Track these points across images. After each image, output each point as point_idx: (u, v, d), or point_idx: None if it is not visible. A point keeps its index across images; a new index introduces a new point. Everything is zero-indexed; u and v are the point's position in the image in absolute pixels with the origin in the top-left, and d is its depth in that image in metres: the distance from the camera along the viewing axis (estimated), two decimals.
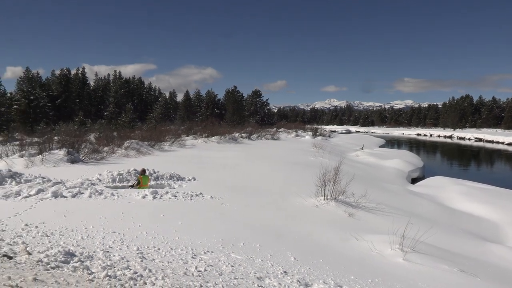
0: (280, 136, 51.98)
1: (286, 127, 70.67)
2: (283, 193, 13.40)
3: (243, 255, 6.76)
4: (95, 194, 10.99)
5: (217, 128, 45.48)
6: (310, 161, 23.82)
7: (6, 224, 7.27)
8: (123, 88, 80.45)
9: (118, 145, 25.48)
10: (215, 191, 12.35)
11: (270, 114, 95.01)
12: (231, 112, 79.15)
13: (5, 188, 11.75)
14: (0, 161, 18.53)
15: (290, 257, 6.99)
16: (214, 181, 14.77)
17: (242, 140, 42.46)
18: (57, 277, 4.19)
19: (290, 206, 11.57)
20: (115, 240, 6.81)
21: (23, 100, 52.09)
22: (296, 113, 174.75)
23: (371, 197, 13.14)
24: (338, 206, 11.81)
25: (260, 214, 10.30)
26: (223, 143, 36.83)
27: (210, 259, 6.31)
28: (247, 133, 47.39)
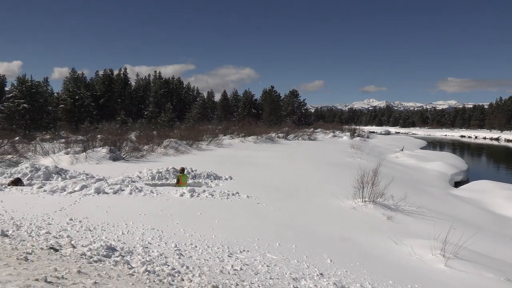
0: (317, 137, 51.52)
1: (323, 127, 69.98)
2: (319, 194, 13.26)
3: (278, 255, 6.74)
4: (135, 191, 11.29)
5: (254, 128, 45.64)
6: (348, 162, 23.45)
7: (52, 218, 7.60)
8: (163, 88, 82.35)
9: (158, 144, 26.11)
10: (252, 191, 12.39)
11: (307, 114, 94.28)
12: (268, 112, 79.18)
13: (51, 183, 12.32)
14: (47, 157, 19.43)
15: (326, 259, 6.90)
16: (250, 180, 14.83)
17: (278, 140, 42.41)
18: (99, 271, 4.33)
19: (327, 208, 11.43)
20: (154, 236, 6.96)
21: (68, 100, 54.37)
22: (334, 114, 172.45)
23: (411, 200, 12.76)
24: (377, 208, 11.55)
25: (296, 214, 10.24)
26: (259, 143, 36.92)
27: (246, 258, 6.33)
28: (284, 133, 47.26)
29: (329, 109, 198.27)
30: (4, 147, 18.02)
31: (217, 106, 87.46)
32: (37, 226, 6.77)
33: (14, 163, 16.88)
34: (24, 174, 13.39)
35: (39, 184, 11.78)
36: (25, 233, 6.11)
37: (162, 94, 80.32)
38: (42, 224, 7.00)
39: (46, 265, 4.11)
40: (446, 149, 55.51)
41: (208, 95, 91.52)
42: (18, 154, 19.19)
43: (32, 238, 5.84)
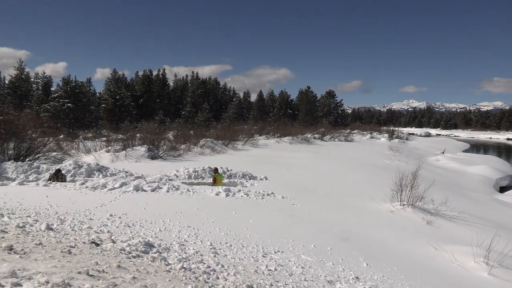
0: (354, 138, 50.67)
1: (360, 128, 68.78)
2: (356, 196, 13.04)
3: (313, 257, 6.68)
4: (172, 189, 11.51)
5: (289, 128, 45.48)
6: (386, 164, 22.93)
7: (94, 214, 7.88)
8: (200, 88, 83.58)
9: (194, 143, 26.54)
10: (287, 191, 12.35)
11: (343, 115, 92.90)
12: (304, 112, 78.67)
13: (93, 180, 12.78)
14: (89, 155, 20.17)
15: (362, 262, 6.77)
16: (285, 181, 14.78)
17: (314, 141, 42.07)
18: (138, 266, 4.45)
19: (363, 210, 11.22)
20: (190, 234, 7.08)
21: (110, 100, 56.22)
22: (371, 114, 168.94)
23: (453, 205, 12.30)
24: (415, 212, 11.22)
25: (331, 216, 10.11)
26: (295, 143, 36.75)
27: (281, 259, 6.32)
28: (320, 134, 46.82)
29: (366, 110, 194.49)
30: (50, 144, 18.83)
31: (253, 106, 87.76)
32: (80, 221, 7.04)
33: (58, 160, 17.63)
34: (68, 170, 13.96)
35: (82, 181, 12.25)
36: (68, 227, 6.37)
37: (199, 94, 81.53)
38: (84, 219, 7.27)
39: (88, 258, 4.26)
40: (491, 152, 53.12)
41: (244, 95, 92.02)
42: (62, 152, 20.03)
43: (75, 232, 6.07)
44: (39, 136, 19.20)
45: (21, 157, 16.46)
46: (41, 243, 4.65)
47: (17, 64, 65.65)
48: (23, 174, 13.21)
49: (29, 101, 54.52)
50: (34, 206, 7.98)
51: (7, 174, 13.18)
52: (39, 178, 13.01)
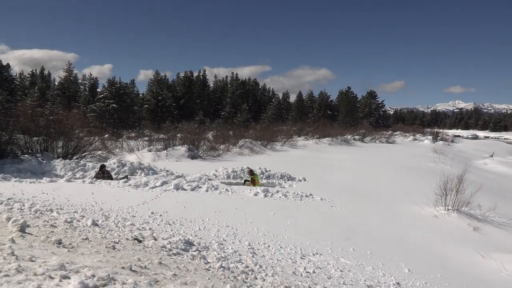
0: (396, 140, 49.34)
1: (402, 130, 66.87)
2: (397, 199, 12.69)
3: (353, 260, 6.56)
4: (211, 188, 11.67)
5: (329, 129, 44.97)
6: (429, 167, 22.18)
7: (136, 211, 8.12)
8: (239, 89, 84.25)
9: (233, 144, 26.78)
10: (325, 193, 12.21)
11: (385, 116, 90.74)
12: (343, 113, 77.56)
13: (135, 178, 13.19)
14: (132, 154, 20.82)
15: (404, 268, 6.58)
16: (324, 183, 14.62)
17: (354, 142, 41.35)
18: (178, 263, 4.54)
19: (405, 214, 10.90)
20: (228, 233, 7.15)
21: (152, 100, 57.79)
22: (415, 116, 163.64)
23: (502, 211, 11.71)
24: (461, 218, 10.78)
25: (371, 219, 9.90)
26: (334, 144, 36.29)
27: (319, 262, 6.25)
28: (360, 135, 45.96)
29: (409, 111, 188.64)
30: (96, 143, 19.60)
31: (292, 107, 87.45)
32: (123, 218, 7.27)
33: (103, 159, 18.31)
34: (112, 169, 14.48)
35: (125, 179, 12.66)
36: (112, 224, 6.60)
37: (238, 95, 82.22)
38: (127, 216, 7.50)
39: (130, 254, 4.40)
40: None
41: (283, 96, 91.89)
42: (107, 150, 20.79)
43: (118, 228, 6.28)
44: (85, 135, 20.02)
45: (69, 155, 17.23)
46: (87, 238, 4.85)
47: (66, 66, 68.83)
48: (70, 171, 13.83)
49: (77, 102, 57.00)
50: (80, 202, 8.33)
51: (56, 171, 13.84)
52: (85, 175, 13.57)
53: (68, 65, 68.79)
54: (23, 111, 19.01)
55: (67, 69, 68.06)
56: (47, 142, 17.13)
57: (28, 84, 72.68)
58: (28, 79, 77.54)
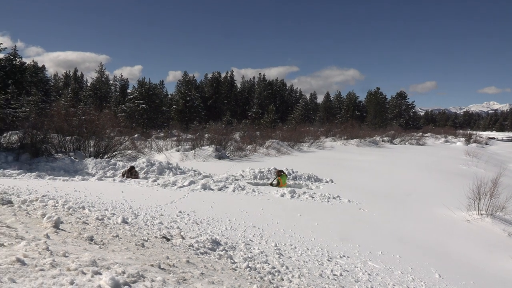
0: (427, 141, 48.21)
1: (433, 131, 65.23)
2: (427, 202, 12.39)
3: (381, 264, 6.45)
4: (238, 189, 11.72)
5: (357, 130, 44.40)
6: (461, 170, 21.55)
7: (164, 210, 8.25)
8: (267, 90, 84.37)
9: (260, 144, 26.82)
10: (353, 195, 12.06)
11: (415, 117, 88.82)
12: (372, 114, 76.40)
13: (164, 178, 13.41)
14: (161, 154, 21.16)
15: (434, 273, 6.42)
16: (352, 184, 14.44)
17: (383, 144, 40.66)
18: (206, 262, 4.59)
19: (435, 218, 10.63)
20: (255, 234, 7.16)
21: (180, 101, 58.60)
22: (446, 117, 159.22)
23: None
24: (495, 223, 10.41)
25: (400, 222, 9.70)
26: (362, 146, 35.79)
27: (346, 264, 6.18)
28: (389, 136, 45.17)
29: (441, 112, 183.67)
30: (126, 143, 20.04)
31: (320, 108, 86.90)
32: (152, 216, 7.41)
33: (133, 158, 18.70)
34: (141, 168, 14.76)
35: (153, 178, 12.89)
36: (141, 222, 6.73)
37: (265, 96, 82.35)
38: (156, 215, 7.64)
39: (159, 252, 4.47)
40: None
41: (311, 97, 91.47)
42: (136, 150, 21.22)
43: (147, 226, 6.40)
44: (116, 135, 20.50)
45: (100, 154, 17.68)
46: (117, 236, 4.96)
47: (98, 68, 70.76)
48: (101, 170, 14.18)
49: (108, 102, 58.48)
50: (111, 200, 8.53)
51: (87, 170, 14.23)
52: (115, 174, 13.89)
53: (100, 67, 70.69)
54: (57, 111, 19.66)
55: (99, 71, 69.94)
56: (80, 141, 17.64)
57: (62, 85, 75.09)
58: (62, 80, 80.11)
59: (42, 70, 56.97)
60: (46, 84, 53.92)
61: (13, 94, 34.55)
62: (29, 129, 16.75)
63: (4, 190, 7.92)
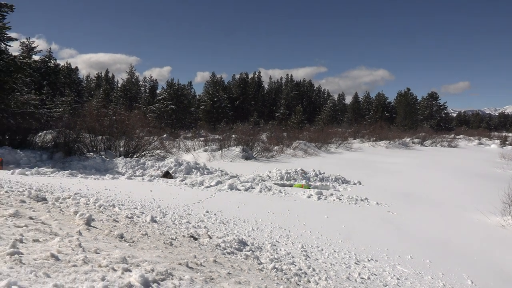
0: (459, 144, 46.85)
1: (466, 133, 63.33)
2: (459, 206, 12.03)
3: (410, 269, 6.31)
4: (265, 189, 11.72)
5: (386, 132, 43.64)
6: (496, 174, 20.82)
7: (192, 209, 8.35)
8: (294, 90, 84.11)
9: (287, 145, 26.75)
10: (381, 198, 11.85)
11: (447, 118, 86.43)
12: (402, 115, 74.86)
13: (191, 177, 13.56)
14: (189, 154, 21.42)
15: (467, 279, 6.22)
16: (380, 187, 14.20)
17: (413, 145, 39.79)
18: (232, 262, 4.61)
19: (468, 222, 10.30)
20: (281, 235, 7.15)
21: (208, 102, 59.20)
22: (480, 119, 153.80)
23: None
24: None
25: (431, 226, 9.46)
26: (392, 148, 35.14)
27: (374, 268, 6.08)
28: (420, 138, 44.15)
29: (474, 113, 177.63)
30: (155, 143, 20.39)
31: (348, 108, 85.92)
32: (179, 215, 7.51)
33: (161, 158, 19.01)
34: (169, 168, 14.98)
35: (181, 178, 13.06)
36: (169, 221, 6.83)
37: (293, 97, 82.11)
38: (183, 214, 7.74)
39: (187, 251, 4.53)
40: None
41: (339, 98, 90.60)
42: (165, 150, 21.57)
43: (175, 225, 6.49)
44: (145, 135, 20.90)
45: (129, 153, 18.06)
46: (146, 234, 5.05)
47: (128, 69, 72.41)
48: (131, 169, 14.49)
49: (138, 103, 59.70)
50: (140, 199, 8.70)
51: (117, 169, 14.56)
52: (144, 173, 14.16)
53: (130, 68, 72.29)
54: (89, 112, 20.22)
55: (129, 72, 71.53)
56: (110, 141, 18.08)
57: (94, 86, 77.20)
58: (94, 81, 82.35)
59: (75, 72, 58.76)
60: (79, 85, 55.59)
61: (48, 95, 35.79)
62: (63, 128, 17.32)
63: (39, 187, 8.21)
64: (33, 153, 15.77)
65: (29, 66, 20.77)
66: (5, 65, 17.29)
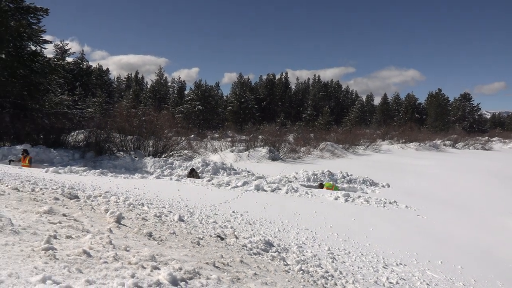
0: (493, 146, 45.30)
1: (501, 135, 61.12)
2: (493, 211, 11.64)
3: (440, 274, 6.15)
4: (291, 191, 11.68)
5: (416, 133, 42.70)
6: None
7: (218, 209, 8.41)
8: (321, 91, 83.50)
9: (314, 146, 26.58)
10: (411, 201, 11.60)
11: (481, 120, 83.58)
12: (433, 117, 73.03)
13: (218, 178, 13.66)
14: (216, 154, 21.60)
15: (501, 287, 6.01)
16: (410, 189, 13.91)
17: (444, 148, 38.77)
18: (259, 263, 4.62)
19: (503, 228, 9.95)
20: (307, 237, 7.10)
21: (235, 102, 59.56)
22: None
23: None
24: None
25: (462, 231, 9.18)
26: (422, 150, 34.36)
27: (403, 272, 5.96)
28: (451, 140, 42.96)
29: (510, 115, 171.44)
30: (182, 143, 20.67)
31: (376, 110, 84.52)
32: (206, 215, 7.58)
33: (189, 158, 19.25)
34: (197, 168, 15.14)
35: (208, 178, 13.17)
36: (196, 220, 6.91)
37: (320, 97, 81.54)
38: (210, 214, 7.80)
39: (214, 251, 4.57)
40: None
41: (367, 98, 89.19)
42: (192, 150, 21.84)
43: (202, 225, 6.56)
44: (173, 135, 21.22)
45: (158, 153, 18.38)
46: (174, 233, 5.12)
47: (157, 70, 73.76)
48: (159, 169, 14.73)
49: (166, 103, 60.67)
50: (167, 198, 8.83)
51: (146, 168, 14.84)
52: (172, 173, 14.37)
53: (159, 69, 73.59)
54: (119, 112, 20.70)
55: (158, 73, 72.79)
56: (139, 141, 18.45)
57: (124, 87, 79.02)
58: (124, 82, 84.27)
59: (106, 73, 60.28)
60: (109, 86, 56.97)
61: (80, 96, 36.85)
62: (94, 128, 17.82)
63: (71, 185, 8.46)
64: (66, 152, 16.28)
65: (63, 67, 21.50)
66: (40, 67, 17.94)
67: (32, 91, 17.88)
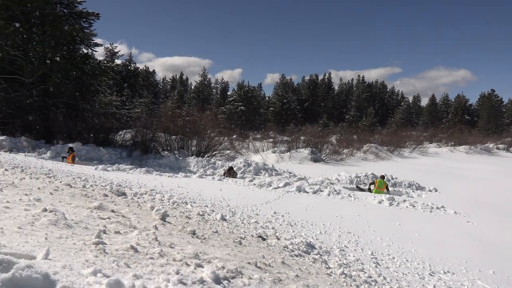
0: None
1: None
2: None
3: (492, 285, 5.84)
4: (333, 193, 11.52)
5: (466, 136, 40.89)
6: None
7: (260, 210, 8.44)
8: (365, 92, 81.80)
9: (357, 148, 26.10)
10: (460, 206, 11.11)
11: None
12: (485, 119, 69.65)
13: (260, 178, 13.71)
14: (257, 155, 21.69)
15: None
16: (459, 195, 13.33)
17: (497, 152, 36.83)
18: (300, 265, 4.59)
19: None
20: (350, 240, 6.98)
21: (277, 103, 59.58)
22: None
23: None
24: None
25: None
26: (472, 153, 32.85)
27: (451, 281, 5.72)
28: (505, 144, 40.76)
29: None
30: (225, 143, 20.94)
31: (423, 111, 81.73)
32: (248, 215, 7.63)
33: (231, 158, 19.47)
34: (238, 168, 15.28)
35: (250, 178, 13.25)
36: (238, 220, 6.96)
37: (364, 98, 79.92)
38: (251, 214, 7.84)
39: (255, 251, 4.58)
40: None
41: (414, 100, 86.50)
42: (234, 150, 22.07)
43: (244, 225, 6.61)
44: (216, 136, 21.54)
45: (201, 153, 18.72)
46: (217, 231, 5.19)
47: (201, 71, 75.19)
48: (202, 168, 15.00)
49: (209, 104, 61.67)
50: (210, 197, 8.97)
51: (189, 168, 15.15)
52: (214, 172, 14.58)
53: (203, 71, 75.01)
54: (165, 112, 21.31)
55: (202, 74, 74.22)
56: (183, 141, 18.88)
57: (169, 88, 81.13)
58: (169, 83, 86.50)
59: (152, 74, 62.16)
60: (155, 87, 58.68)
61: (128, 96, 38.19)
62: (140, 128, 18.41)
63: (119, 183, 8.78)
64: (114, 150, 16.94)
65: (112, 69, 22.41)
66: (91, 69, 18.79)
67: (84, 92, 18.77)
